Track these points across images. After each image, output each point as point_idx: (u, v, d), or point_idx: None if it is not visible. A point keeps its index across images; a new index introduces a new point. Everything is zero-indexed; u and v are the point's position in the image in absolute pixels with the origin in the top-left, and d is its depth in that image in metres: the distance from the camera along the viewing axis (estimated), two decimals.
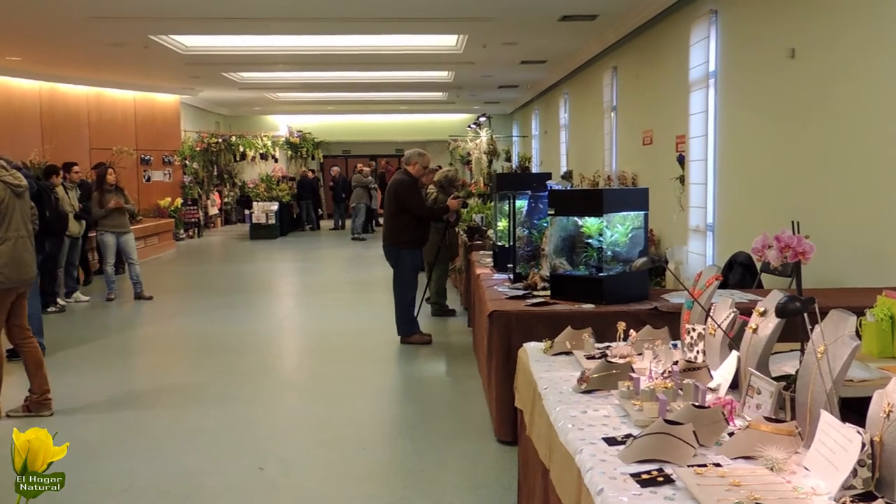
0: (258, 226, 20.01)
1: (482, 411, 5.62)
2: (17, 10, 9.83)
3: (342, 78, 17.40)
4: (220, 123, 24.33)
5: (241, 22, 10.69)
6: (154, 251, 15.92)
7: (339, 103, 23.19)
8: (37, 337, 7.29)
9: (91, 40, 11.97)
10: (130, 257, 10.67)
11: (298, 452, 4.99)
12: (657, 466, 2.11)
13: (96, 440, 5.22)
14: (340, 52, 13.60)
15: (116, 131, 17.67)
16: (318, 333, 8.74)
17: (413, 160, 7.83)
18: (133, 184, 17.53)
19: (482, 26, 11.03)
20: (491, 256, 7.36)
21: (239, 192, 23.21)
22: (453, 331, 8.44)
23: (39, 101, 16.08)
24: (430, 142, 23.62)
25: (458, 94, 20.31)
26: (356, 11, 10.13)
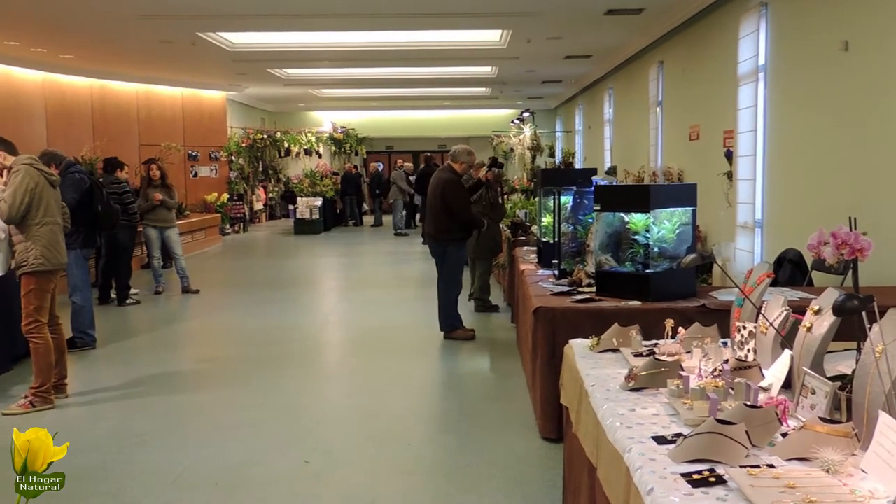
0: (302, 221, 20.18)
1: (526, 408, 5.61)
2: (69, 9, 10.04)
3: (386, 74, 17.46)
4: (265, 119, 24.58)
5: (287, 19, 10.78)
6: (200, 246, 16.15)
7: (383, 99, 23.28)
8: (88, 329, 7.50)
9: (140, 38, 12.18)
10: (175, 251, 10.83)
11: (343, 446, 5.03)
12: (709, 466, 2.07)
13: (146, 430, 5.31)
14: (384, 48, 13.65)
15: (165, 127, 17.97)
16: (361, 328, 8.79)
17: (461, 158, 7.80)
18: (180, 179, 17.80)
19: (527, 21, 10.98)
20: (535, 252, 7.33)
21: (283, 188, 23.42)
22: (497, 327, 8.43)
23: (91, 98, 16.44)
24: (472, 137, 23.61)
25: (502, 89, 20.25)
26: (401, 7, 10.15)
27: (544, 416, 4.93)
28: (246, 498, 4.22)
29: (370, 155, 27.48)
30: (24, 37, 12.08)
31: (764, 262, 3.76)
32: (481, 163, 10.34)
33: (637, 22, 10.86)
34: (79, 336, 7.47)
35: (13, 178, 5.63)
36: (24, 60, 14.04)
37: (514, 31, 11.94)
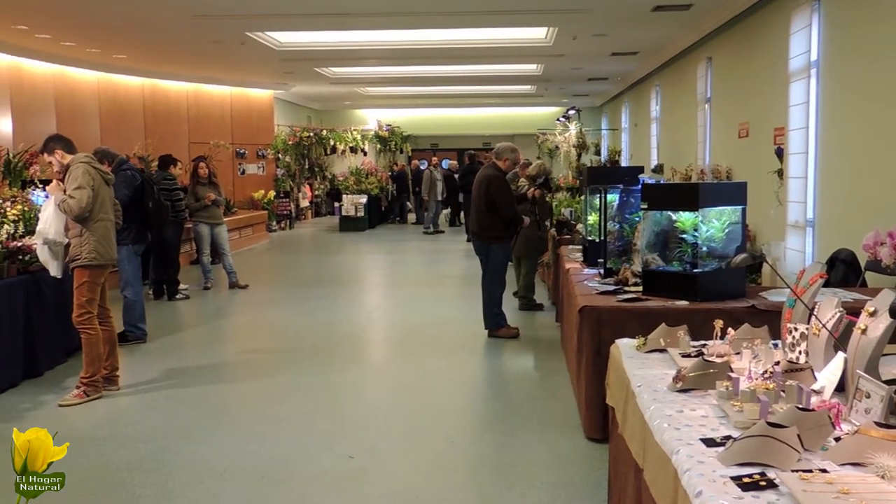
0: (347, 218, 20.32)
1: (570, 407, 5.57)
2: (124, 10, 10.25)
3: (431, 72, 17.49)
4: (311, 118, 24.81)
5: (334, 18, 10.87)
6: (248, 242, 16.36)
7: (428, 97, 23.33)
8: (139, 323, 7.65)
9: (191, 38, 12.38)
10: (223, 248, 10.98)
11: (388, 442, 5.05)
12: (759, 470, 2.04)
13: (194, 423, 5.40)
14: (430, 47, 13.67)
15: (213, 125, 18.24)
16: (405, 325, 8.82)
17: (504, 155, 7.79)
18: (228, 177, 18.06)
19: (573, 18, 10.91)
20: (580, 251, 7.28)
21: (329, 185, 23.62)
22: (541, 325, 8.39)
23: (142, 97, 16.77)
24: (517, 135, 23.54)
25: (547, 86, 20.15)
26: (447, 6, 10.16)
27: (589, 416, 4.89)
28: (291, 492, 4.27)
29: (415, 153, 27.55)
30: (79, 37, 12.37)
31: (817, 263, 3.68)
32: (527, 161, 10.31)
33: (685, 18, 10.72)
34: (130, 330, 7.62)
35: (74, 175, 5.74)
36: (80, 61, 14.38)
37: (560, 28, 11.87)
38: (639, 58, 14.75)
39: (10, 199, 6.96)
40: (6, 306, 6.05)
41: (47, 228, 5.82)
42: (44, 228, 5.82)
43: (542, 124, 23.72)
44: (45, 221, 5.84)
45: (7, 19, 10.80)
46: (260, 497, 4.21)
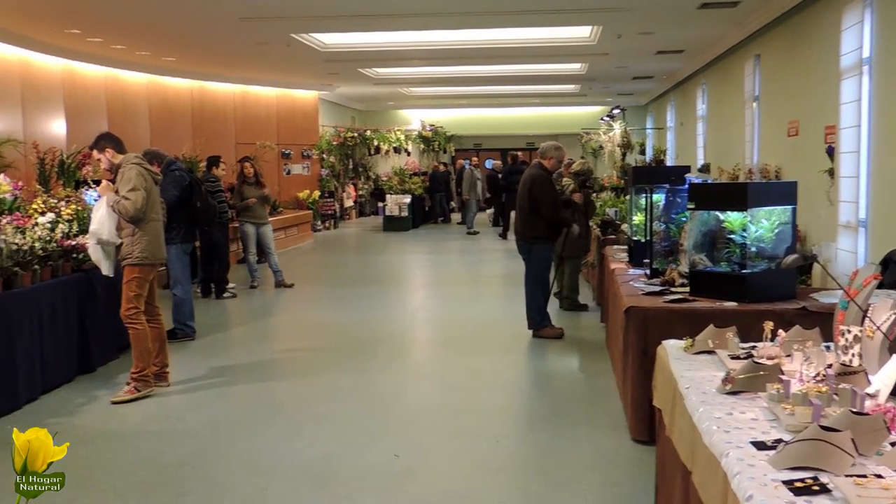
0: (391, 218, 20.41)
1: (616, 408, 5.54)
2: (172, 13, 10.43)
3: (475, 72, 17.49)
4: (355, 118, 24.97)
5: (378, 19, 10.93)
6: (293, 242, 16.53)
7: (471, 97, 23.33)
8: (188, 321, 7.78)
9: (238, 40, 12.55)
10: (268, 247, 11.11)
11: (433, 441, 5.07)
12: (811, 475, 2.02)
13: (242, 419, 5.48)
14: (474, 47, 13.68)
15: (259, 126, 18.47)
16: (449, 324, 8.84)
17: (549, 154, 7.76)
18: (274, 177, 18.26)
19: (618, 16, 10.82)
20: (626, 251, 7.23)
21: (373, 185, 23.75)
22: (586, 326, 8.35)
23: (191, 99, 17.06)
24: (561, 135, 23.39)
25: (591, 85, 20.00)
26: (492, 5, 10.16)
27: (635, 418, 4.86)
28: (338, 489, 4.31)
29: (458, 153, 27.58)
30: (130, 41, 12.62)
31: (870, 264, 3.62)
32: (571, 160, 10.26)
33: (732, 15, 10.56)
34: (179, 327, 7.75)
35: (128, 177, 5.84)
36: (130, 63, 14.67)
37: (604, 27, 11.79)
38: (685, 56, 14.57)
39: (64, 199, 7.14)
40: (61, 304, 6.20)
41: (101, 229, 5.91)
42: (98, 229, 5.92)
43: (586, 124, 23.57)
44: (99, 222, 5.92)
45: (60, 24, 11.06)
46: (307, 494, 4.26)
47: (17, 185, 6.70)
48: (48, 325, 6.01)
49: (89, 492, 4.26)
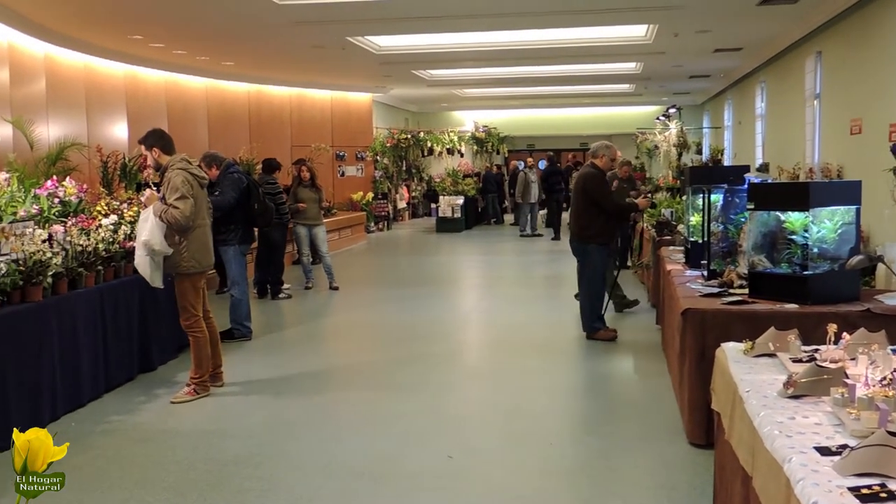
0: (444, 219, 20.45)
1: (672, 411, 5.46)
2: (231, 19, 10.63)
3: (528, 73, 17.44)
4: (409, 120, 25.08)
5: (432, 20, 10.96)
6: (347, 243, 16.67)
7: (525, 98, 23.26)
8: (244, 322, 7.90)
9: (294, 44, 12.72)
10: (321, 249, 11.21)
11: (486, 443, 5.06)
12: (879, 481, 1.95)
13: (297, 419, 5.54)
14: (528, 47, 13.64)
15: (315, 129, 18.70)
16: (502, 326, 8.81)
17: (600, 153, 7.69)
18: (328, 179, 18.47)
19: (675, 15, 10.67)
20: (682, 252, 7.12)
21: (426, 187, 23.82)
22: (641, 328, 8.24)
23: (248, 102, 17.38)
24: (615, 135, 23.19)
25: (646, 85, 19.78)
26: (546, 5, 10.11)
27: (692, 421, 4.78)
28: (392, 489, 4.33)
29: (511, 154, 27.51)
30: (190, 46, 12.90)
31: None
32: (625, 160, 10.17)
33: (793, 11, 10.33)
34: (236, 327, 7.87)
35: (174, 185, 5.75)
36: (190, 68, 14.99)
37: (660, 26, 11.65)
38: (743, 54, 14.31)
39: (126, 201, 7.30)
40: (123, 304, 6.34)
41: (152, 239, 5.73)
42: (149, 239, 5.73)
43: (640, 123, 23.31)
44: (150, 232, 5.74)
45: (124, 30, 11.36)
46: (361, 493, 4.29)
47: (82, 187, 6.88)
48: (111, 324, 6.15)
49: (148, 489, 4.35)
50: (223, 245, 7.86)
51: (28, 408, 5.12)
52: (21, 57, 10.68)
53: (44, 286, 5.37)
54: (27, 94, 10.74)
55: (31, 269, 5.28)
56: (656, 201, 11.12)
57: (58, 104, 11.63)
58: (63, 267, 5.64)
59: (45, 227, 5.86)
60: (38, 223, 5.95)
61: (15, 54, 10.44)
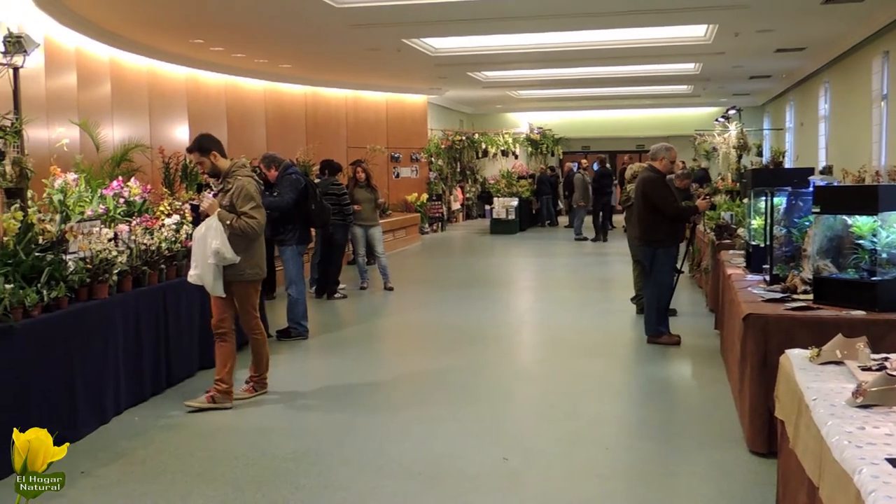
0: (498, 221, 20.41)
1: (731, 418, 5.35)
2: (289, 22, 10.79)
3: (584, 74, 17.33)
4: (463, 122, 25.12)
5: (489, 22, 10.97)
6: (402, 244, 16.76)
7: (580, 99, 23.12)
8: (301, 321, 7.99)
9: (350, 47, 12.84)
10: (376, 249, 11.29)
11: (541, 446, 5.03)
12: None
13: (352, 418, 5.58)
14: (584, 48, 13.56)
15: (370, 130, 18.87)
16: (557, 328, 8.76)
17: (660, 155, 7.58)
18: (383, 180, 18.60)
19: (736, 14, 10.50)
20: (742, 256, 6.99)
21: (480, 188, 23.83)
22: (698, 332, 8.09)
23: (305, 105, 17.60)
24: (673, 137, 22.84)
25: (705, 86, 19.50)
26: (603, 6, 10.04)
27: (753, 429, 4.68)
28: (447, 490, 4.33)
29: (566, 155, 27.34)
30: (249, 49, 13.13)
31: None
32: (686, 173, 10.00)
33: (859, 10, 10.08)
34: (293, 326, 7.96)
35: (246, 192, 5.67)
36: (249, 71, 15.26)
37: (721, 25, 11.47)
38: (806, 53, 14.00)
39: (188, 202, 7.45)
40: (184, 301, 6.47)
41: (224, 247, 5.57)
42: (220, 247, 5.55)
43: (699, 125, 22.94)
44: (221, 240, 5.56)
45: (185, 34, 11.61)
46: (416, 493, 4.30)
47: (146, 188, 7.04)
48: (172, 321, 6.28)
49: (209, 483, 4.43)
50: (281, 245, 7.97)
51: (94, 402, 5.26)
52: (88, 61, 10.99)
53: (109, 284, 5.52)
54: (93, 97, 11.05)
55: (98, 266, 5.42)
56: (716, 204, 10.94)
57: (122, 107, 11.93)
58: (128, 265, 5.78)
59: (111, 227, 6.01)
60: (105, 222, 6.12)
61: (82, 59, 10.75)
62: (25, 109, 6.43)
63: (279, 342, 7.81)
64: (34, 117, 7.23)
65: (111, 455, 4.84)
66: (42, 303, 4.86)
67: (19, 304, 4.65)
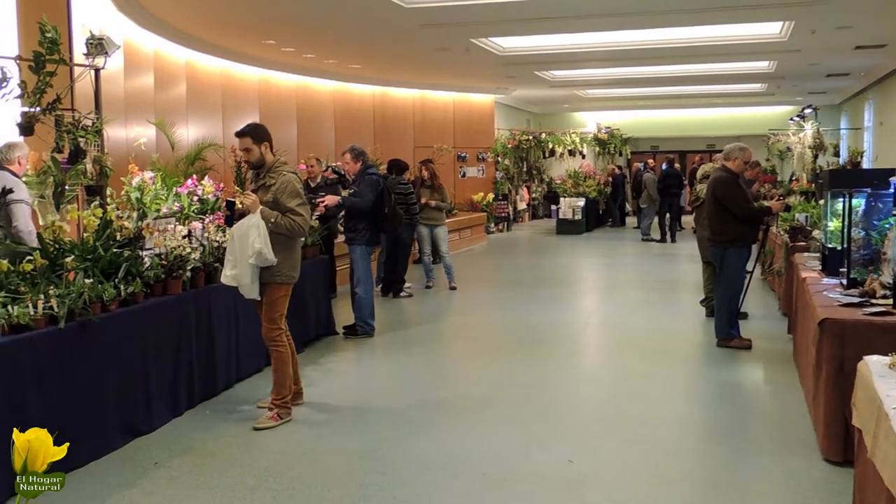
0: (564, 221, 20.25)
1: (804, 425, 5.21)
2: (359, 23, 10.92)
3: (652, 72, 17.07)
4: (530, 121, 25.01)
5: (559, 21, 10.89)
6: (467, 243, 16.77)
7: (649, 98, 22.77)
8: (368, 319, 8.07)
9: (419, 47, 12.91)
10: (441, 249, 11.32)
11: (607, 448, 4.98)
12: None
13: (416, 417, 5.60)
14: (654, 47, 13.35)
15: (437, 130, 18.94)
16: (624, 330, 8.64)
17: (733, 155, 7.42)
18: (450, 179, 18.63)
19: (813, 11, 10.20)
20: (818, 259, 6.80)
21: (546, 188, 23.70)
22: (770, 336, 7.89)
23: (373, 104, 17.78)
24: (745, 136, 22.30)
25: (779, 84, 19.00)
26: (676, 4, 9.87)
27: (828, 436, 4.55)
28: (510, 491, 4.32)
29: (634, 155, 26.98)
30: (319, 50, 13.31)
31: None
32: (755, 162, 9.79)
33: None
34: (360, 324, 8.05)
35: (291, 190, 5.38)
36: (319, 71, 15.48)
37: (797, 22, 11.15)
38: (887, 51, 13.51)
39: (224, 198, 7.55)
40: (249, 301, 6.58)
41: (266, 248, 5.23)
42: (262, 247, 5.21)
43: (772, 124, 22.35)
44: (263, 240, 5.21)
45: (258, 35, 11.83)
46: (480, 493, 4.29)
47: (219, 186, 7.21)
48: (243, 317, 6.40)
49: (276, 477, 4.51)
50: (351, 244, 8.05)
51: (168, 395, 5.41)
52: (165, 63, 11.31)
53: (183, 279, 5.67)
54: (169, 97, 11.36)
55: (172, 263, 5.58)
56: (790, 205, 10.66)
57: (197, 107, 12.24)
58: (200, 262, 5.92)
59: (185, 224, 6.18)
60: (179, 220, 6.29)
61: (160, 61, 11.06)
62: (105, 109, 6.64)
63: (345, 339, 7.91)
64: (113, 117, 7.47)
65: (183, 447, 4.97)
66: (119, 297, 5.02)
67: (98, 298, 4.82)
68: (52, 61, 5.46)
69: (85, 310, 4.66)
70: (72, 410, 4.52)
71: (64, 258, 4.95)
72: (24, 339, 4.29)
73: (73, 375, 4.57)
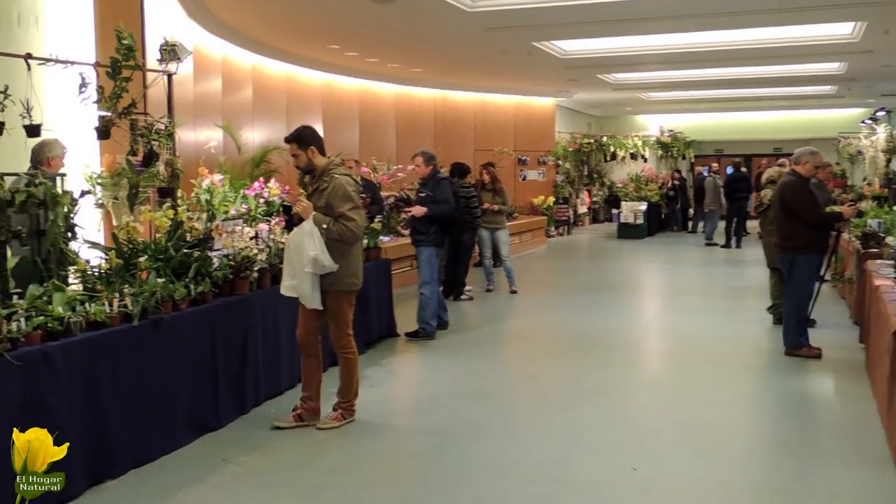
0: (626, 225, 20.02)
1: (877, 438, 5.05)
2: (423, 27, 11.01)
3: (718, 75, 16.80)
4: (591, 124, 24.82)
5: (622, 23, 10.81)
6: (527, 247, 16.72)
7: (713, 101, 22.40)
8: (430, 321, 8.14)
9: (481, 50, 12.96)
10: (502, 252, 11.32)
11: (672, 457, 4.91)
12: None
13: (479, 420, 5.61)
14: (719, 49, 13.15)
15: (497, 133, 18.96)
16: (687, 336, 8.51)
17: (803, 159, 7.25)
18: (510, 183, 18.62)
19: (887, 11, 9.92)
20: (892, 266, 6.61)
21: (607, 192, 23.48)
22: (841, 345, 7.68)
23: (434, 108, 17.90)
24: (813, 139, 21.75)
25: (850, 86, 18.50)
26: (743, 5, 9.70)
27: None
28: (573, 497, 4.29)
29: (698, 159, 26.53)
30: (382, 54, 13.45)
31: None
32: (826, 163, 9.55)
33: None
34: (422, 326, 8.09)
35: (344, 193, 5.23)
36: (381, 75, 15.64)
37: (869, 22, 10.86)
38: None
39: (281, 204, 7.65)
40: None
41: (323, 255, 5.11)
42: (319, 255, 5.10)
43: (842, 127, 21.77)
44: (319, 247, 5.10)
45: (322, 40, 12.02)
46: (541, 499, 4.28)
47: (284, 189, 7.34)
48: None
49: (340, 475, 4.57)
50: (419, 245, 8.12)
51: (235, 392, 5.53)
52: (232, 68, 11.56)
53: (250, 280, 5.79)
54: (236, 101, 11.61)
55: (240, 263, 5.70)
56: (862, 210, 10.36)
57: (262, 111, 12.48)
58: (267, 263, 6.04)
59: (252, 226, 6.30)
60: (246, 221, 6.42)
61: (227, 66, 11.31)
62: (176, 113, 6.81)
63: (408, 342, 7.97)
64: (183, 121, 7.67)
65: (249, 444, 5.07)
66: (189, 297, 5.15)
67: (169, 297, 4.95)
68: (127, 67, 5.62)
69: (157, 308, 4.80)
70: (145, 406, 4.66)
71: (137, 258, 5.10)
72: (99, 336, 4.43)
73: (146, 371, 4.71)
